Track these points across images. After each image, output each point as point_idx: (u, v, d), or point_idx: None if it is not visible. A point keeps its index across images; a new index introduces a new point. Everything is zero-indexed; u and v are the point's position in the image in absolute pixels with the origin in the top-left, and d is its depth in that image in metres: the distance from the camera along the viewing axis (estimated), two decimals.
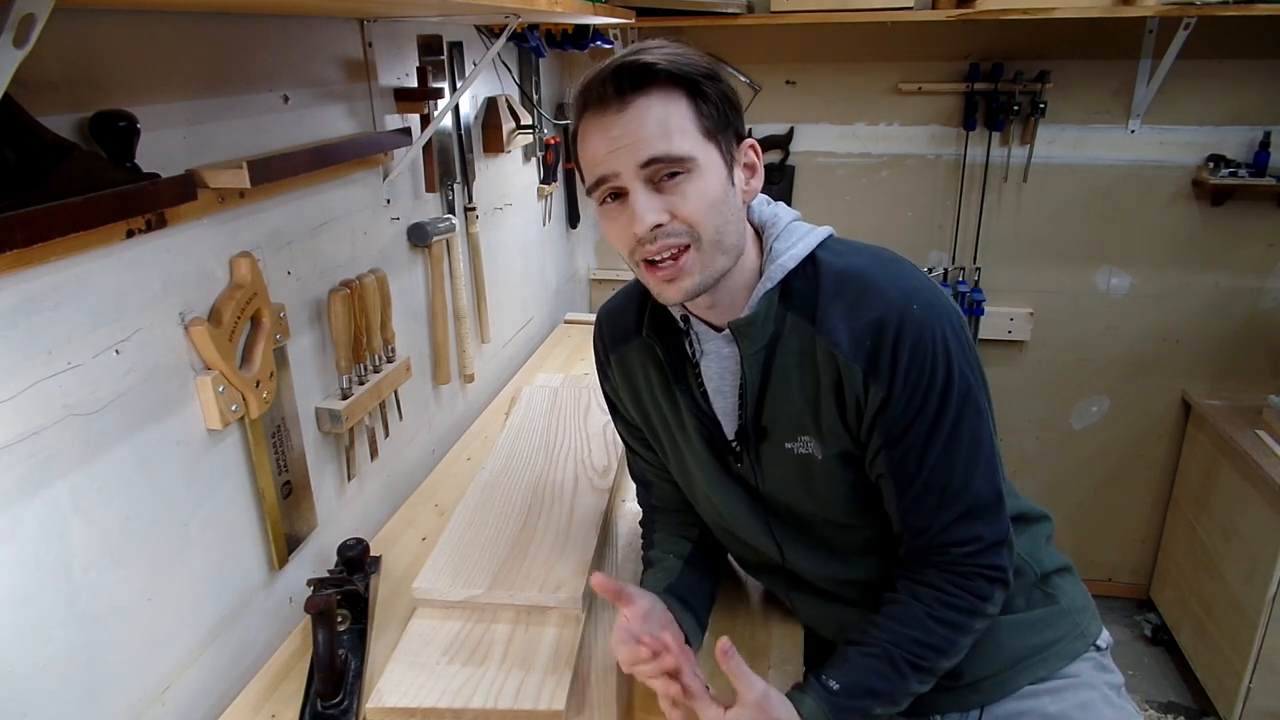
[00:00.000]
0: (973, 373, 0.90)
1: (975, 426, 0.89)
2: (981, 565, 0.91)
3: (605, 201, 0.87)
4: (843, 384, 0.89)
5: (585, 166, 0.88)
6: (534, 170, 2.22)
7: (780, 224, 0.95)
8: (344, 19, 1.29)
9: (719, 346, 0.97)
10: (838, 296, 0.89)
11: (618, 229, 0.87)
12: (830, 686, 0.89)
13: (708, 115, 0.85)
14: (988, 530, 0.91)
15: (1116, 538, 2.65)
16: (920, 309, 0.87)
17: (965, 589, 0.90)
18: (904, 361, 0.86)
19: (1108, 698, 1.02)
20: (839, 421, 0.91)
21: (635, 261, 0.88)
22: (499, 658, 1.02)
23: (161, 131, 0.91)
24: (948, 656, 0.91)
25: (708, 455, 1.01)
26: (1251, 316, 2.35)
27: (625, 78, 0.82)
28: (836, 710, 0.88)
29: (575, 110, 0.88)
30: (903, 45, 2.31)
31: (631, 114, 0.82)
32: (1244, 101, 2.18)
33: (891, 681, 0.89)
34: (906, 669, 0.89)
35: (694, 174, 0.84)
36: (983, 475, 0.90)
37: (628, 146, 0.82)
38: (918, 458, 0.88)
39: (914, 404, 0.87)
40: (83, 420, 0.83)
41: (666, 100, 0.83)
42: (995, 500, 0.91)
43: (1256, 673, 1.99)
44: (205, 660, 1.03)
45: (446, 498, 1.48)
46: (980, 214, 2.42)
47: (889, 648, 0.90)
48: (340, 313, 1.23)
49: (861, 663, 0.90)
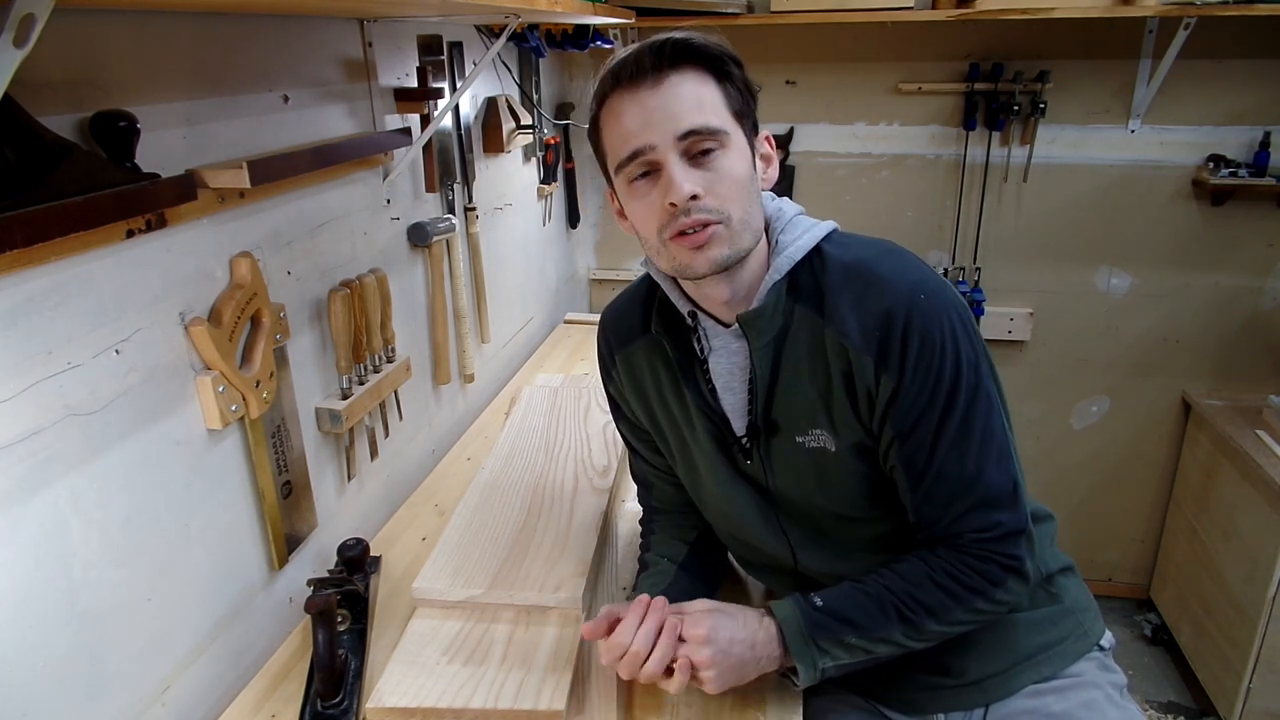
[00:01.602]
0: (982, 363, 0.90)
1: (987, 416, 0.89)
2: (997, 551, 0.90)
3: (634, 180, 0.87)
4: (853, 375, 0.89)
5: (615, 142, 0.87)
6: (534, 170, 2.22)
7: (785, 217, 0.95)
8: (344, 19, 1.29)
9: (727, 342, 0.97)
10: (845, 288, 0.90)
11: (645, 206, 0.87)
12: (814, 603, 0.91)
13: (734, 97, 0.87)
14: (1005, 518, 0.90)
15: (1116, 538, 2.65)
16: (927, 299, 0.87)
17: (976, 570, 0.90)
18: (914, 351, 0.86)
19: (1111, 697, 1.02)
20: (851, 413, 0.91)
21: (663, 239, 0.87)
22: (499, 658, 1.02)
23: (161, 131, 0.91)
24: (939, 621, 0.90)
25: (716, 454, 1.01)
26: (1251, 316, 2.35)
27: (663, 53, 0.84)
28: (811, 623, 0.90)
29: (601, 91, 0.88)
30: (902, 45, 2.31)
31: (668, 88, 0.84)
32: (1244, 101, 2.18)
33: (875, 619, 0.89)
34: (893, 614, 0.89)
35: (727, 150, 0.85)
36: (996, 465, 0.90)
37: (666, 118, 0.84)
38: (929, 448, 0.88)
39: (924, 394, 0.87)
40: (83, 420, 0.83)
41: (699, 79, 0.86)
42: (1012, 490, 0.91)
43: (1256, 673, 1.99)
44: (205, 660, 1.03)
45: (446, 498, 1.48)
46: (980, 214, 2.42)
47: (883, 590, 0.91)
48: (340, 313, 1.23)
49: (851, 594, 0.92)
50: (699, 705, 0.99)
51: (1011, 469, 0.91)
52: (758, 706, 0.98)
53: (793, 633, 0.90)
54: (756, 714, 0.97)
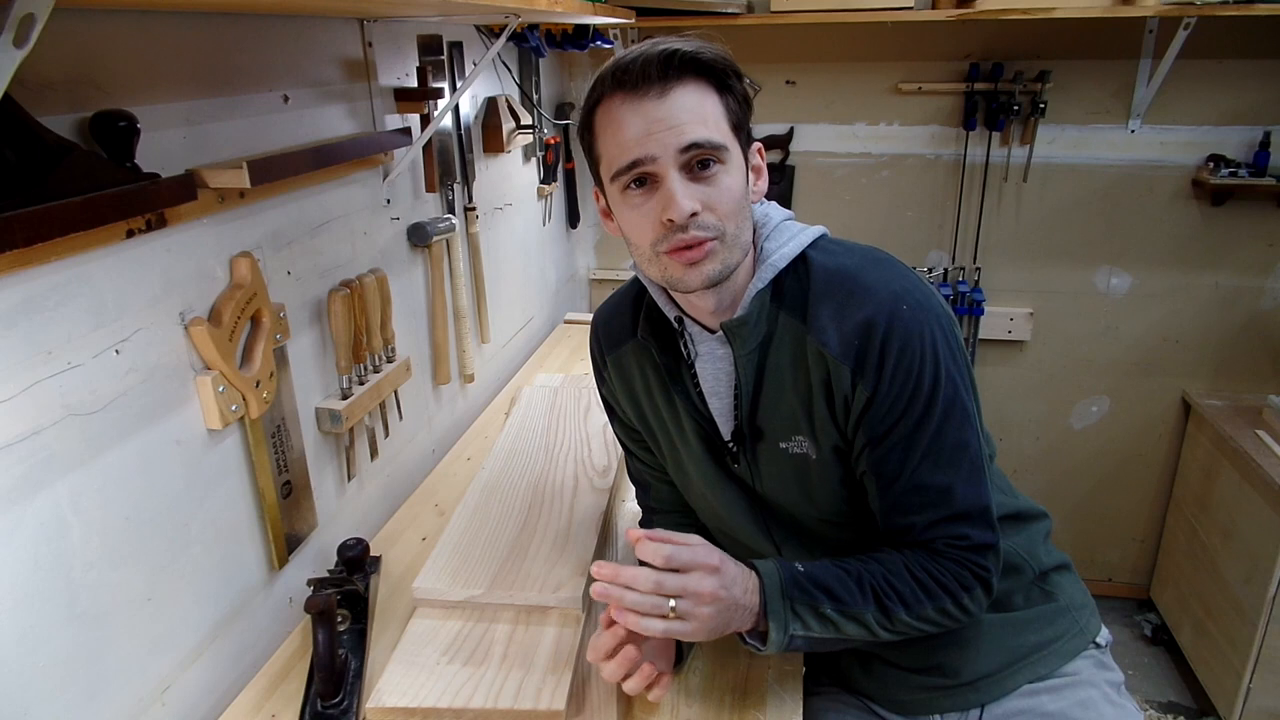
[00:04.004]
0: (960, 376, 0.89)
1: (961, 430, 0.88)
2: (970, 559, 0.90)
3: (629, 188, 0.86)
4: (831, 383, 0.89)
5: (612, 149, 0.85)
6: (534, 170, 2.22)
7: (771, 224, 0.95)
8: (344, 19, 1.29)
9: (713, 348, 0.97)
10: (828, 296, 0.89)
11: (640, 216, 0.86)
12: (796, 568, 0.89)
13: (733, 110, 0.86)
14: (975, 532, 0.90)
15: (1116, 538, 2.65)
16: (910, 310, 0.86)
17: (951, 573, 0.89)
18: (891, 362, 0.85)
19: (1108, 695, 1.02)
20: (830, 421, 0.91)
21: (658, 252, 0.86)
22: (499, 658, 1.02)
23: (161, 131, 0.91)
24: (910, 612, 0.88)
25: (705, 456, 1.01)
26: (1251, 316, 2.35)
27: (672, 64, 0.82)
28: (791, 583, 0.87)
29: (599, 91, 0.86)
30: (902, 45, 2.31)
31: (673, 99, 0.82)
32: (1244, 101, 2.18)
33: (853, 595, 0.88)
34: (870, 595, 0.88)
35: (725, 166, 0.85)
36: (967, 479, 0.89)
37: (669, 131, 0.82)
38: (900, 458, 0.88)
39: (899, 404, 0.86)
40: (83, 420, 0.83)
41: (702, 91, 0.84)
42: (982, 505, 0.90)
43: (1256, 673, 1.99)
44: (205, 660, 1.03)
45: (446, 498, 1.48)
46: (980, 214, 2.42)
47: (861, 570, 0.90)
48: (340, 313, 1.23)
49: (833, 569, 0.90)
50: (699, 705, 0.99)
51: (982, 485, 0.90)
52: (757, 706, 0.98)
53: (772, 589, 0.87)
54: (756, 714, 0.97)
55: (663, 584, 0.82)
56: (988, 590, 0.91)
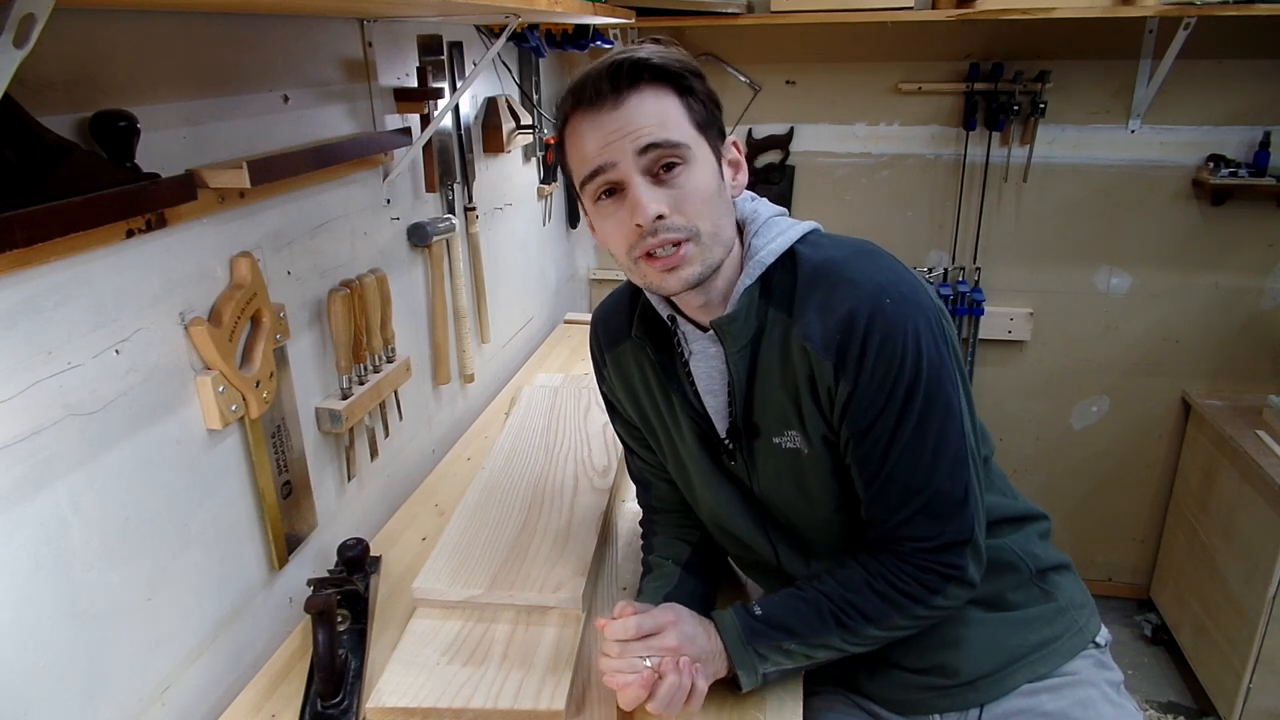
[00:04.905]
0: (945, 370, 0.88)
1: (943, 424, 0.88)
2: (936, 561, 0.90)
3: (599, 199, 0.87)
4: (816, 378, 0.89)
5: (578, 162, 0.88)
6: (534, 170, 2.22)
7: (760, 219, 0.95)
8: (344, 19, 1.29)
9: (705, 346, 0.97)
10: (813, 289, 0.90)
11: (614, 225, 0.87)
12: (754, 612, 0.94)
13: (696, 110, 0.87)
14: (948, 528, 0.90)
15: (1116, 537, 2.65)
16: (893, 303, 0.86)
17: (914, 578, 0.90)
18: (872, 356, 0.85)
19: (1107, 695, 1.02)
20: (818, 415, 0.91)
21: (633, 259, 0.87)
22: (499, 658, 1.02)
23: (161, 131, 0.91)
24: (878, 626, 0.92)
25: (702, 453, 1.01)
26: (1251, 316, 2.35)
27: (620, 75, 0.83)
28: (750, 632, 0.93)
29: (563, 111, 0.88)
30: (902, 45, 2.31)
31: (627, 108, 0.84)
32: (1244, 101, 2.18)
33: (813, 626, 0.92)
34: (831, 621, 0.92)
35: (690, 165, 0.85)
36: (947, 473, 0.89)
37: (626, 137, 0.83)
38: (882, 453, 0.88)
39: (879, 399, 0.87)
40: (83, 420, 0.83)
41: (658, 95, 0.85)
42: (960, 499, 0.90)
43: (1256, 673, 1.99)
44: (205, 660, 1.03)
45: (446, 498, 1.48)
46: (980, 214, 2.42)
47: (820, 597, 0.93)
48: (340, 313, 1.23)
49: (789, 602, 0.95)
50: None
51: (965, 477, 0.90)
52: (757, 706, 0.98)
53: (732, 638, 0.93)
54: (756, 714, 0.97)
55: (630, 647, 0.90)
56: (963, 585, 0.92)
